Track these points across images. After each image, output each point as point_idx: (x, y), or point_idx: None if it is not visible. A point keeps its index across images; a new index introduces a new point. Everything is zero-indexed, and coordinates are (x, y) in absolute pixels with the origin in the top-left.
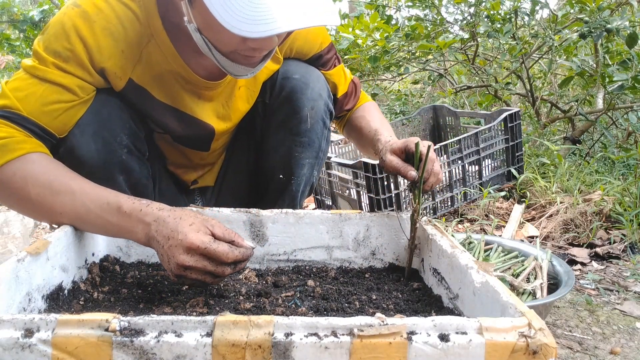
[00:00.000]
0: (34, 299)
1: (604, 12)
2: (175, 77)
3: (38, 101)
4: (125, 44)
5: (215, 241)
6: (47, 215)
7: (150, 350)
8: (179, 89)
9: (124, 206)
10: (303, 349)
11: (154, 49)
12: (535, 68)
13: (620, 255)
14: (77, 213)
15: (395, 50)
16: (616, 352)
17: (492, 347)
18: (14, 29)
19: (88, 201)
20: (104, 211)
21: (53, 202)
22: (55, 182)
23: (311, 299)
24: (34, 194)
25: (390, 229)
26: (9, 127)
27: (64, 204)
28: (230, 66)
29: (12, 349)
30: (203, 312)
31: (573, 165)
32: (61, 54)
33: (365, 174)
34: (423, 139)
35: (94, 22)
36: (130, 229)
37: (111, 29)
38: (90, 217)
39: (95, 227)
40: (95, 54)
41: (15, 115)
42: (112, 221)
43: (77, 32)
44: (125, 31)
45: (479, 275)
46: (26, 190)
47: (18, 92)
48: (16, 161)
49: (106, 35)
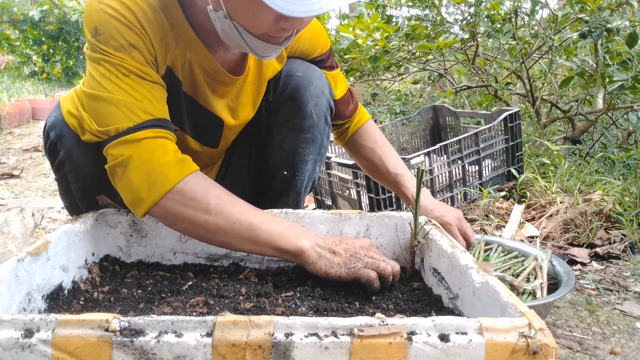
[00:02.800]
0: (34, 299)
1: (604, 12)
2: (198, 68)
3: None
4: (165, 31)
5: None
6: (222, 227)
7: (150, 350)
8: (201, 81)
9: (287, 249)
10: (303, 349)
11: (177, 39)
12: (535, 68)
13: (620, 255)
14: (251, 223)
15: (395, 50)
16: (616, 352)
17: (492, 347)
18: (14, 29)
19: (259, 239)
20: (265, 249)
21: (231, 210)
22: (227, 195)
23: (311, 299)
24: (214, 204)
25: (390, 229)
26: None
27: (241, 213)
28: (261, 47)
29: (12, 349)
30: (203, 312)
31: (573, 165)
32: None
33: (365, 174)
34: (423, 139)
35: (135, 11)
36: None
37: (149, 17)
38: (252, 248)
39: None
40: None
41: (163, 122)
42: (270, 253)
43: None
44: (158, 18)
45: (479, 275)
46: (207, 200)
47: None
48: (193, 175)
49: (149, 23)
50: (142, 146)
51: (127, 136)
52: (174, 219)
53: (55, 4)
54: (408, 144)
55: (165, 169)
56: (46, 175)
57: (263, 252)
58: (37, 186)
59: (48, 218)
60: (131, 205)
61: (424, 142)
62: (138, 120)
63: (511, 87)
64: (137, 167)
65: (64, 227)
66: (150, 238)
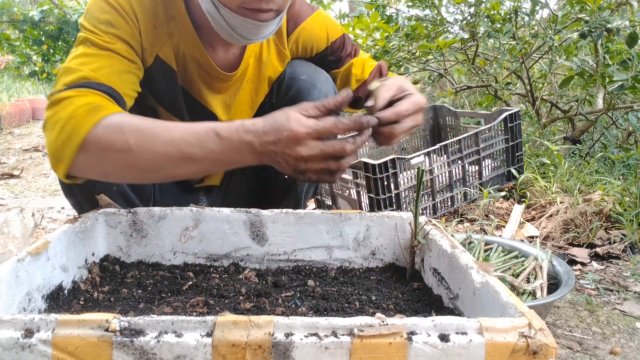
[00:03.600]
0: (34, 299)
1: (604, 12)
2: (192, 63)
3: (112, 70)
4: (157, 20)
5: (320, 119)
6: (150, 163)
7: (150, 350)
8: (195, 76)
9: (221, 132)
10: (303, 349)
11: (174, 31)
12: (535, 68)
13: (620, 255)
14: (180, 151)
15: (395, 50)
16: (616, 352)
17: (492, 347)
18: (14, 29)
19: (185, 134)
20: (204, 142)
21: (154, 144)
22: (144, 124)
23: (311, 299)
24: (133, 141)
25: (390, 229)
26: (93, 94)
27: (165, 143)
28: (241, 24)
29: (12, 349)
30: (203, 312)
31: (573, 165)
32: (116, 26)
33: (365, 174)
34: (423, 139)
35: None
36: (235, 154)
37: (145, 3)
38: (194, 151)
39: (200, 164)
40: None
41: (97, 84)
42: (216, 150)
43: (122, 6)
44: (157, 6)
45: (479, 276)
46: (124, 139)
47: (87, 65)
48: (106, 118)
49: (142, 10)
50: (59, 105)
51: (52, 97)
52: (99, 170)
53: (55, 4)
54: (408, 144)
55: (75, 122)
56: (46, 175)
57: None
58: (37, 186)
59: (48, 218)
60: (53, 168)
61: (424, 142)
62: (70, 83)
63: (511, 87)
64: (51, 128)
65: (64, 227)
66: (150, 238)
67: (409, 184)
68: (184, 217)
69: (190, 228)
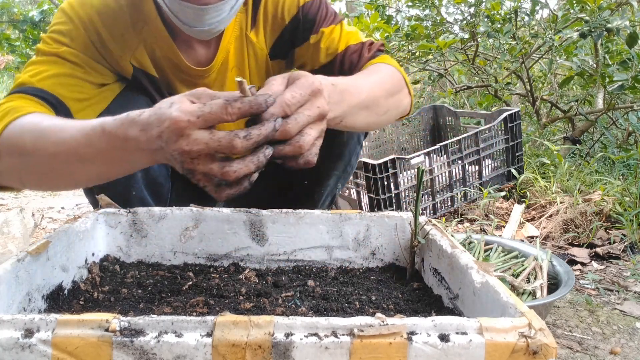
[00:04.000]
0: (34, 299)
1: (604, 12)
2: (169, 66)
3: (50, 74)
4: (125, 28)
5: (206, 104)
6: (46, 166)
7: (150, 350)
8: (174, 79)
9: (107, 126)
10: (303, 349)
11: (147, 35)
12: (535, 68)
13: (620, 255)
14: (71, 150)
15: (395, 50)
16: (616, 352)
17: (492, 347)
18: (14, 29)
19: (75, 133)
20: (92, 139)
21: (46, 145)
22: (45, 124)
23: (311, 299)
24: (29, 143)
25: (390, 229)
26: (21, 98)
27: (56, 142)
28: (180, 10)
29: (12, 349)
30: (203, 312)
31: (573, 165)
32: (66, 33)
33: (365, 174)
34: (423, 139)
35: (91, 6)
36: (125, 153)
37: (109, 12)
38: (82, 150)
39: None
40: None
41: (29, 88)
42: (103, 148)
43: (77, 16)
44: (124, 14)
45: (479, 275)
46: (22, 142)
47: (30, 72)
48: (16, 120)
49: (106, 18)
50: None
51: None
52: (14, 176)
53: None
54: (408, 144)
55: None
56: None
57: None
58: None
59: (48, 218)
60: None
61: (424, 142)
62: (9, 92)
63: (511, 87)
64: None
65: (64, 227)
66: (150, 238)
67: (409, 184)
68: (184, 217)
69: (190, 228)
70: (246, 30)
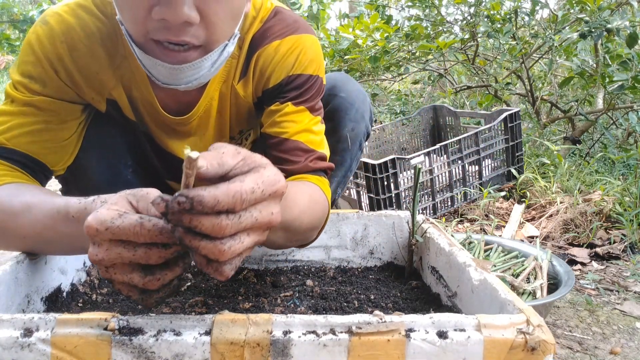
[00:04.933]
0: (33, 301)
1: (604, 12)
2: (147, 109)
3: (23, 130)
4: (100, 66)
5: (124, 214)
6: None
7: (149, 349)
8: (151, 123)
9: (71, 210)
10: (301, 346)
11: (126, 71)
12: (535, 68)
13: (620, 255)
14: (36, 232)
15: (395, 50)
16: (616, 352)
17: (491, 344)
18: (14, 29)
19: (42, 215)
20: (56, 222)
21: (15, 225)
22: (15, 202)
23: (310, 299)
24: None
25: (387, 228)
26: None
27: (24, 225)
28: (152, 66)
29: (12, 348)
30: (202, 312)
31: (573, 165)
32: (37, 78)
33: (365, 174)
34: (423, 139)
35: (62, 42)
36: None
37: (81, 48)
38: (48, 234)
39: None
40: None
41: (2, 150)
42: (66, 232)
43: (46, 55)
44: (99, 49)
45: (477, 273)
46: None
47: (3, 125)
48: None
49: (78, 56)
50: None
51: None
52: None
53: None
54: (408, 144)
55: None
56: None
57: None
58: None
59: None
60: None
61: (424, 142)
62: None
63: (511, 87)
64: None
65: None
66: None
67: (409, 184)
68: None
69: None
70: (233, 80)
